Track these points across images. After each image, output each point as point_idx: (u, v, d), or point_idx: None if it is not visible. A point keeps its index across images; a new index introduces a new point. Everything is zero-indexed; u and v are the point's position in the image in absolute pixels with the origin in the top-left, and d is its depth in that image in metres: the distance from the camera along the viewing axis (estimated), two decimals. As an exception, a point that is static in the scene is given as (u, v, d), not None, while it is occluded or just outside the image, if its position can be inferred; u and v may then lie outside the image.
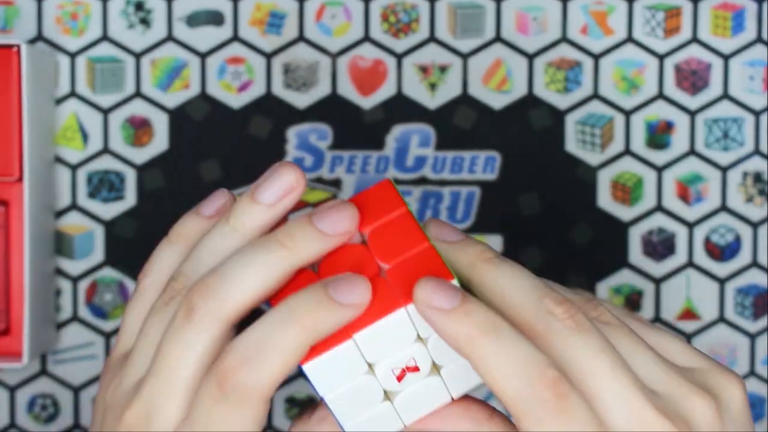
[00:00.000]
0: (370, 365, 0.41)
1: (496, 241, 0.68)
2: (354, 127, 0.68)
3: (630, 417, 0.38)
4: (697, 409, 0.39)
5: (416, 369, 0.41)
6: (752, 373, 0.69)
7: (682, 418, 0.39)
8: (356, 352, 0.40)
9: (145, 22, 0.67)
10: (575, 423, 0.37)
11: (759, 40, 0.68)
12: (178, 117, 0.68)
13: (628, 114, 0.68)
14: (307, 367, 0.39)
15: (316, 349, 0.39)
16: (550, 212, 0.68)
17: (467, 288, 0.42)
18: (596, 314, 0.41)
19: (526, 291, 0.40)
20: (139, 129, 0.68)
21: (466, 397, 0.42)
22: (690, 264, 0.69)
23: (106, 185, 0.68)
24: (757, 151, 0.68)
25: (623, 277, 0.69)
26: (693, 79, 0.68)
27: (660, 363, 0.40)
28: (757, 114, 0.68)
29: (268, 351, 0.38)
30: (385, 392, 0.41)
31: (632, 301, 0.68)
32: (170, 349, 0.39)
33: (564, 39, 0.68)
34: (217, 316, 0.39)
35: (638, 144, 0.68)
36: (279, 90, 0.68)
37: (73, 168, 0.68)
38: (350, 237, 0.41)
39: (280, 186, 0.42)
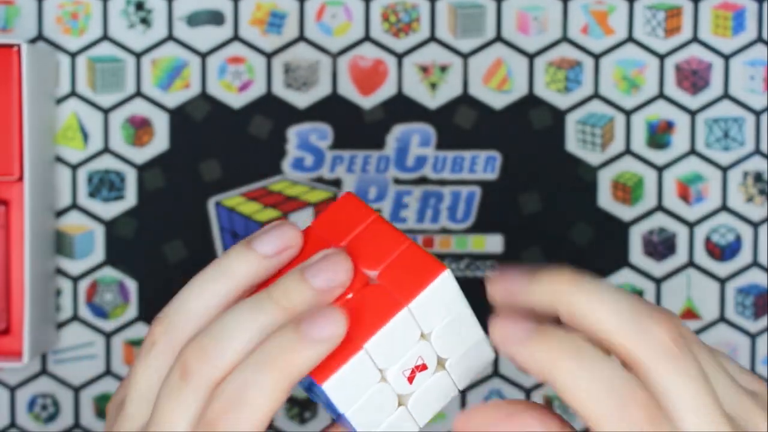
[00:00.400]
0: (381, 372, 0.41)
1: (496, 241, 0.68)
2: (354, 126, 0.68)
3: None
4: None
5: (424, 367, 0.41)
6: (752, 373, 0.69)
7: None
8: (369, 361, 0.40)
9: (146, 21, 0.67)
10: None
11: (759, 39, 0.68)
12: (178, 117, 0.68)
13: (628, 114, 0.68)
14: (326, 386, 0.39)
15: (330, 366, 0.39)
16: (550, 212, 0.68)
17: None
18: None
19: (620, 309, 0.39)
20: (140, 129, 0.68)
21: (542, 409, 0.41)
22: (690, 264, 0.69)
23: (106, 185, 0.68)
24: (757, 151, 0.68)
25: (624, 277, 0.69)
26: (693, 78, 0.68)
27: (734, 386, 0.40)
28: (757, 114, 0.68)
29: (249, 395, 0.38)
30: (399, 397, 0.42)
31: (633, 300, 0.68)
32: (167, 409, 0.40)
33: (564, 39, 0.68)
34: (211, 378, 0.39)
35: (639, 144, 0.68)
36: (279, 90, 0.68)
37: (74, 168, 0.68)
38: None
39: (280, 240, 0.41)
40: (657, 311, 0.39)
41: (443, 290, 0.41)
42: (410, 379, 0.41)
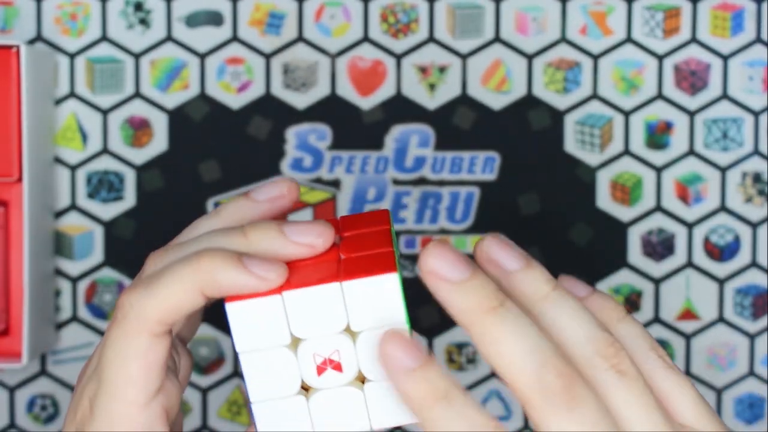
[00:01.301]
0: (292, 338, 0.40)
1: (495, 242, 0.68)
2: (353, 127, 0.68)
3: None
4: None
5: (339, 367, 0.40)
6: (752, 373, 0.69)
7: None
8: (282, 312, 0.39)
9: (145, 22, 0.67)
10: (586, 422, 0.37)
11: (758, 40, 0.68)
12: (177, 117, 0.68)
13: (627, 114, 0.68)
14: (229, 306, 0.39)
15: (244, 295, 0.39)
16: (549, 212, 0.68)
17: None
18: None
19: (582, 328, 0.39)
20: (139, 129, 0.68)
21: None
22: (689, 264, 0.69)
23: (105, 186, 0.68)
24: (756, 152, 0.68)
25: (623, 278, 0.69)
26: (692, 79, 0.68)
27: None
28: (756, 114, 0.68)
29: (161, 281, 0.39)
30: (303, 382, 0.40)
31: (632, 301, 0.68)
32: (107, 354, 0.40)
33: (563, 39, 0.68)
34: (144, 323, 0.39)
35: (637, 144, 0.68)
36: (278, 90, 0.68)
37: (73, 168, 0.68)
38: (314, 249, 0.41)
39: (274, 189, 0.43)
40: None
41: (383, 292, 0.39)
42: (319, 370, 0.40)
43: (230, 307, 0.39)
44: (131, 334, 0.39)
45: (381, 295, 0.39)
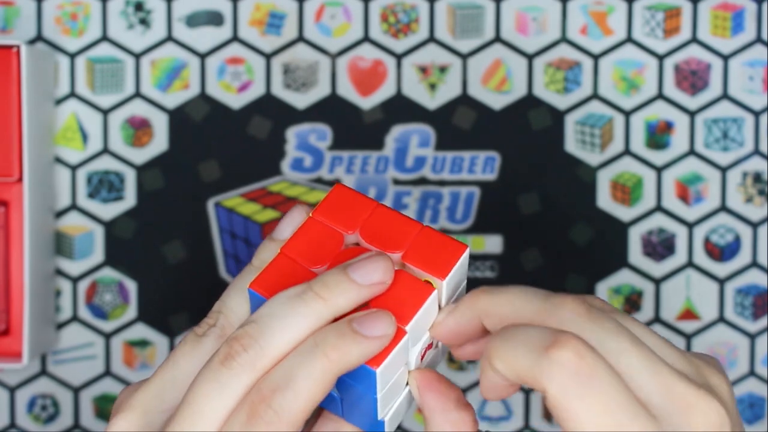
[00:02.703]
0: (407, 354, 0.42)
1: (496, 241, 0.68)
2: (353, 127, 0.68)
3: (661, 389, 0.38)
4: (718, 384, 0.40)
5: (430, 345, 0.43)
6: (752, 373, 0.69)
7: (709, 387, 0.39)
8: (407, 342, 0.41)
9: (145, 22, 0.67)
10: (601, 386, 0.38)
11: (758, 40, 0.68)
12: (177, 117, 0.68)
13: (627, 114, 0.68)
14: (380, 371, 0.40)
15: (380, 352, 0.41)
16: (549, 212, 0.68)
17: None
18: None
19: (531, 300, 0.41)
20: (139, 129, 0.68)
21: None
22: (690, 264, 0.69)
23: (105, 185, 0.68)
24: (756, 152, 0.68)
25: (623, 277, 0.69)
26: (692, 79, 0.68)
27: (672, 348, 0.41)
28: (756, 114, 0.68)
29: (298, 380, 0.39)
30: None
31: (632, 301, 0.69)
32: (202, 393, 0.40)
33: (563, 39, 0.68)
34: (254, 365, 0.40)
35: (638, 144, 0.68)
36: (278, 90, 0.68)
37: (73, 168, 0.68)
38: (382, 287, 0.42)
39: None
40: (562, 295, 0.41)
41: (462, 266, 0.42)
42: (422, 358, 0.42)
43: (380, 371, 0.40)
44: None
45: (461, 268, 0.42)
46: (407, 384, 0.43)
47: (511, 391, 0.40)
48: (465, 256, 0.42)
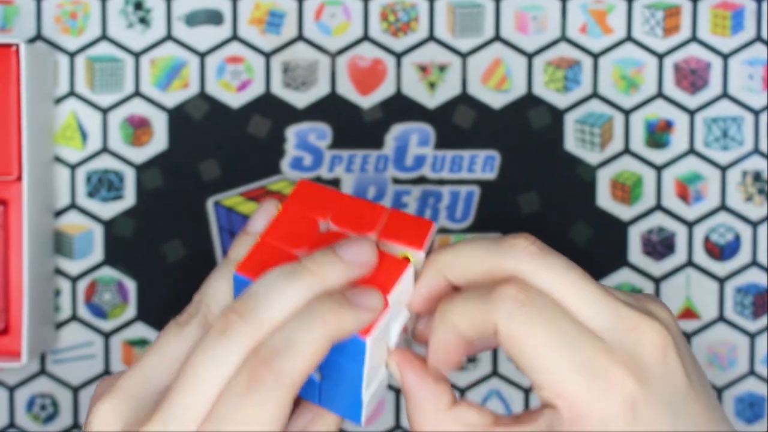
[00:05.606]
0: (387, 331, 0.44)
1: (495, 241, 0.68)
2: (353, 126, 0.68)
3: (609, 314, 0.42)
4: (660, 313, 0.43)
5: (405, 329, 0.45)
6: (752, 372, 0.69)
7: (651, 313, 0.43)
8: (389, 317, 0.43)
9: (145, 21, 0.67)
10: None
11: (758, 39, 0.68)
12: (177, 116, 0.68)
13: (627, 113, 0.68)
14: (370, 339, 0.42)
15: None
16: (549, 211, 0.68)
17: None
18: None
19: (484, 245, 0.44)
20: (138, 128, 0.68)
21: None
22: (689, 263, 0.69)
23: (105, 185, 0.68)
24: (756, 150, 0.68)
25: (623, 277, 0.69)
26: (692, 78, 0.68)
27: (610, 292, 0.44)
28: (756, 113, 0.68)
29: (297, 343, 0.40)
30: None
31: (632, 300, 0.68)
32: (200, 358, 0.41)
33: (563, 38, 0.68)
34: (251, 333, 0.41)
35: (638, 143, 0.68)
36: (278, 89, 0.68)
37: (72, 167, 0.68)
38: (369, 266, 0.44)
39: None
40: (513, 236, 0.44)
41: (432, 241, 0.45)
42: (404, 332, 0.45)
43: (369, 341, 0.42)
44: (270, 403, 0.40)
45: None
46: (386, 366, 0.44)
47: (460, 352, 0.43)
48: (433, 231, 0.45)
